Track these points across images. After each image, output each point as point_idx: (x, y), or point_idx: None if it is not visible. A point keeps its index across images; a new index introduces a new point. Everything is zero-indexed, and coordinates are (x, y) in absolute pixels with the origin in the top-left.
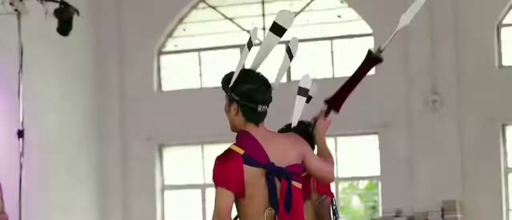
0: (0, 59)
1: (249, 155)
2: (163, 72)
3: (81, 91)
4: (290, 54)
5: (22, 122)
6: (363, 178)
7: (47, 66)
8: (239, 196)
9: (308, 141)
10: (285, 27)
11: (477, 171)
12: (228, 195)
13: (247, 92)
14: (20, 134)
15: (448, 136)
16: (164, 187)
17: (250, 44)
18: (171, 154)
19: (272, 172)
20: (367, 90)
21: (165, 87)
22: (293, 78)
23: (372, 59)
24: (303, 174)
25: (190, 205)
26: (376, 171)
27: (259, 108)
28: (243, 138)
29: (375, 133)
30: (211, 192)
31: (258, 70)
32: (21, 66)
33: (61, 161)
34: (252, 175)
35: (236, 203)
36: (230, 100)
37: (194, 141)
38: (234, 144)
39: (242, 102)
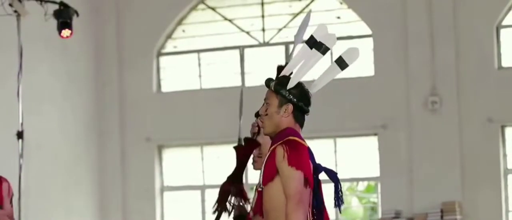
0: None
1: (309, 150)
2: (162, 73)
3: (81, 92)
4: (343, 64)
5: (22, 123)
6: (362, 179)
7: (47, 67)
8: (308, 186)
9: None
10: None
11: (476, 172)
12: (302, 179)
13: (303, 94)
14: (20, 135)
15: (448, 137)
16: (163, 188)
17: (313, 44)
18: (170, 155)
19: (318, 172)
20: (367, 91)
21: (165, 88)
22: None
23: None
24: None
25: (190, 206)
26: (376, 173)
27: (308, 111)
28: (297, 134)
29: (375, 134)
30: (210, 194)
31: None
32: (20, 67)
33: (60, 162)
34: (310, 169)
35: (278, 195)
36: (283, 101)
37: (193, 142)
38: (293, 137)
39: (300, 103)
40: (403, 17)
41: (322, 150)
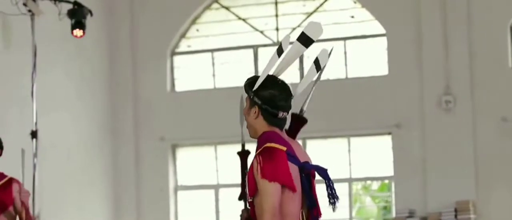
0: (13, 59)
1: (289, 152)
2: (176, 73)
3: (95, 91)
4: (317, 65)
5: (36, 123)
6: (376, 179)
7: (61, 66)
8: (290, 192)
9: None
10: (313, 38)
11: (490, 171)
12: (279, 189)
13: (269, 97)
14: (34, 134)
15: (462, 137)
16: (177, 188)
17: (280, 51)
18: (184, 155)
19: (306, 171)
20: (380, 91)
21: (179, 87)
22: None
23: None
24: None
25: (204, 205)
26: (390, 172)
27: (280, 114)
28: (275, 137)
29: (389, 133)
30: (224, 193)
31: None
32: (34, 67)
33: (74, 161)
34: (294, 172)
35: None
36: (251, 103)
37: (207, 141)
38: (269, 143)
39: (264, 106)
40: (417, 16)
41: (336, 150)
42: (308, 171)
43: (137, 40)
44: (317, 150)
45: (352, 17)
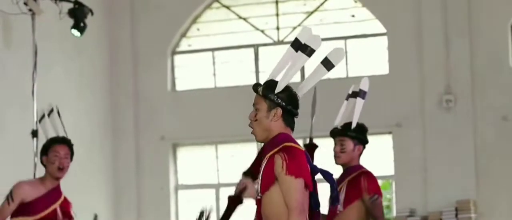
0: (14, 58)
1: (306, 154)
2: (177, 72)
3: (95, 91)
4: (328, 64)
5: (36, 122)
6: (377, 178)
7: (61, 66)
8: (307, 190)
9: (362, 143)
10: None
11: (491, 170)
12: (303, 186)
13: (291, 97)
14: (34, 134)
15: (462, 136)
16: (178, 187)
17: (298, 45)
18: (185, 154)
19: (314, 173)
20: (381, 90)
21: (179, 86)
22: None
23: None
24: (355, 173)
25: (204, 205)
26: (390, 171)
27: (297, 115)
28: (291, 138)
29: (389, 132)
30: (224, 192)
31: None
32: (35, 66)
33: (75, 161)
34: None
35: (279, 203)
36: (272, 105)
37: (208, 141)
38: (288, 143)
39: (288, 107)
40: (417, 15)
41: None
42: (316, 173)
43: (137, 39)
44: (317, 149)
45: (353, 16)
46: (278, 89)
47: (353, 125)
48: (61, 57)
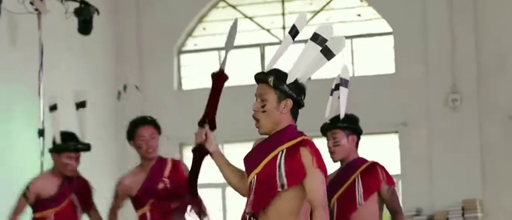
0: (20, 58)
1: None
2: (183, 71)
3: (101, 90)
4: (328, 53)
5: (43, 121)
6: None
7: (67, 65)
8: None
9: (355, 133)
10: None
11: (497, 169)
12: (324, 180)
13: (302, 88)
14: (41, 133)
15: (468, 135)
16: None
17: (295, 32)
18: (191, 153)
19: None
20: (387, 89)
21: (185, 86)
22: (313, 76)
23: (216, 77)
24: (367, 164)
25: (211, 204)
26: (396, 170)
27: (303, 105)
28: (299, 131)
29: (395, 132)
30: (231, 191)
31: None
32: (41, 65)
33: (80, 159)
34: None
35: (299, 198)
36: (283, 96)
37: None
38: (303, 135)
39: (299, 97)
40: (423, 14)
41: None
42: None
43: (143, 39)
44: (323, 148)
45: (359, 15)
46: (290, 80)
47: (342, 116)
48: (67, 56)
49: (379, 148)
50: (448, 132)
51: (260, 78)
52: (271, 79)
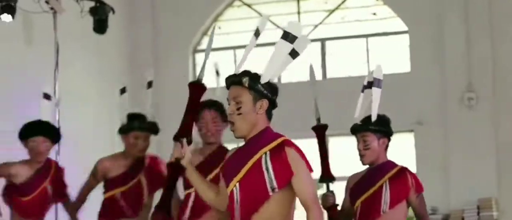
0: (36, 57)
1: None
2: (198, 70)
3: (116, 89)
4: (295, 53)
5: (58, 121)
6: None
7: (83, 64)
8: None
9: (386, 136)
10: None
11: None
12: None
13: (275, 88)
14: None
15: (484, 134)
16: None
17: (257, 34)
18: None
19: None
20: (403, 88)
21: None
22: (329, 75)
23: (193, 88)
24: (396, 170)
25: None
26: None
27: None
28: (278, 133)
29: (411, 131)
30: None
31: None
32: (56, 64)
33: (96, 159)
34: None
35: (288, 200)
36: (258, 96)
37: (231, 138)
38: (283, 137)
39: (274, 97)
40: (439, 13)
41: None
42: None
43: (159, 38)
44: (340, 147)
45: (374, 14)
46: (264, 79)
47: (373, 118)
48: (82, 55)
49: (395, 147)
50: (464, 131)
51: (233, 80)
52: (245, 79)
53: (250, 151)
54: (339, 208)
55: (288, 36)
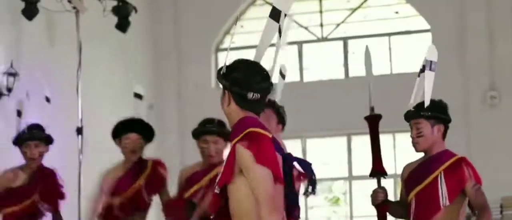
0: (58, 56)
1: (274, 139)
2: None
3: (139, 88)
4: (276, 13)
5: (81, 119)
6: None
7: (105, 63)
8: (277, 183)
9: (442, 122)
10: (284, 11)
11: None
12: (272, 177)
13: (237, 78)
14: (79, 131)
15: (507, 132)
16: None
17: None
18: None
19: (288, 162)
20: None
21: None
22: (351, 74)
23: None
24: (452, 160)
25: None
26: None
27: (249, 95)
28: (256, 122)
29: None
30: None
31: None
32: (79, 64)
33: (118, 157)
34: (279, 161)
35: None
36: (223, 89)
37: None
38: (252, 128)
39: (233, 88)
40: (461, 11)
41: (382, 145)
42: (291, 163)
43: (181, 37)
44: (362, 146)
45: (397, 12)
46: (224, 69)
47: (426, 103)
48: (105, 54)
49: None
50: (487, 129)
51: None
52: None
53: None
54: (389, 205)
55: (274, 12)
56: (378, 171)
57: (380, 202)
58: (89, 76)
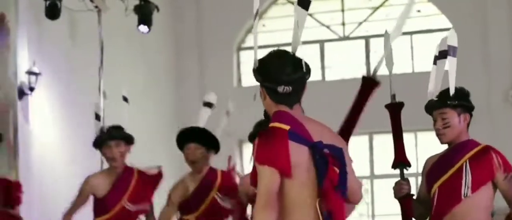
0: (81, 55)
1: (294, 131)
2: (242, 68)
3: (161, 87)
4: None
5: (103, 118)
6: None
7: (127, 62)
8: (285, 177)
9: (467, 111)
10: None
11: None
12: (275, 174)
13: (267, 72)
14: (101, 129)
15: None
16: None
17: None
18: (251, 150)
19: (318, 151)
20: (446, 85)
21: (245, 82)
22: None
23: (369, 84)
24: (478, 148)
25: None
26: None
27: (279, 89)
28: (280, 116)
29: None
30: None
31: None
32: (101, 62)
33: (141, 157)
34: (299, 153)
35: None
36: (260, 85)
37: None
38: (274, 123)
39: (265, 83)
40: (483, 10)
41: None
42: (321, 150)
43: (203, 36)
44: (382, 145)
45: (419, 11)
46: (254, 66)
47: (452, 91)
48: (127, 53)
49: (439, 144)
50: (509, 127)
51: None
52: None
53: None
54: (414, 197)
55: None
56: (401, 161)
57: (404, 194)
58: (111, 75)
